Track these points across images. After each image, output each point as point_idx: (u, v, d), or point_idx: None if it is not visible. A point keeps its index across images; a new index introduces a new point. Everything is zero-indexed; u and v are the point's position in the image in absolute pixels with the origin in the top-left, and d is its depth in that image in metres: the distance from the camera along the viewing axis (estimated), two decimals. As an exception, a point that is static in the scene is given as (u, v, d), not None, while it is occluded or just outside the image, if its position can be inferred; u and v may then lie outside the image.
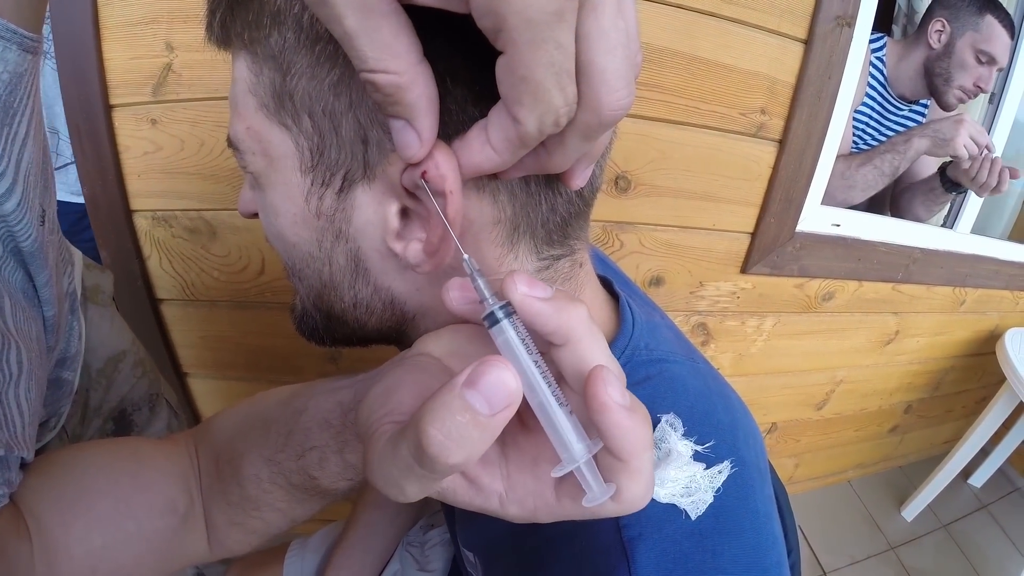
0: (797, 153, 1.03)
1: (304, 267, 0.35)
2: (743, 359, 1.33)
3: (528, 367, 0.23)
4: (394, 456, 0.20)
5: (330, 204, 0.31)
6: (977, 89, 1.27)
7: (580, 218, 0.35)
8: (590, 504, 0.23)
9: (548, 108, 0.22)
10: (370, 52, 0.22)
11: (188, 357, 1.13)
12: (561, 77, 0.22)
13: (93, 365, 0.70)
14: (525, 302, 0.22)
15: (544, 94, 0.22)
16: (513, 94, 0.23)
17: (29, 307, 0.42)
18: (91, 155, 0.92)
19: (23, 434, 0.38)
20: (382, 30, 0.22)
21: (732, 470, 0.33)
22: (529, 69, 0.21)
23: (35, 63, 0.36)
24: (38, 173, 0.40)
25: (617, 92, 0.22)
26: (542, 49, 0.21)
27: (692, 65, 0.92)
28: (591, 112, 0.23)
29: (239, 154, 0.33)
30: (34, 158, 0.39)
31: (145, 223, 0.99)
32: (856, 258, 1.23)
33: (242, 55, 0.30)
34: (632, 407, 0.21)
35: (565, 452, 0.22)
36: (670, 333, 0.44)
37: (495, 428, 0.19)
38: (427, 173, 0.26)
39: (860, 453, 1.86)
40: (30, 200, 0.39)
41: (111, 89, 0.88)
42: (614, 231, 1.03)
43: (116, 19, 0.83)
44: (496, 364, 0.19)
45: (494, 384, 0.19)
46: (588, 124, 0.23)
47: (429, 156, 0.26)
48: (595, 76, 0.22)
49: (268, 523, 0.40)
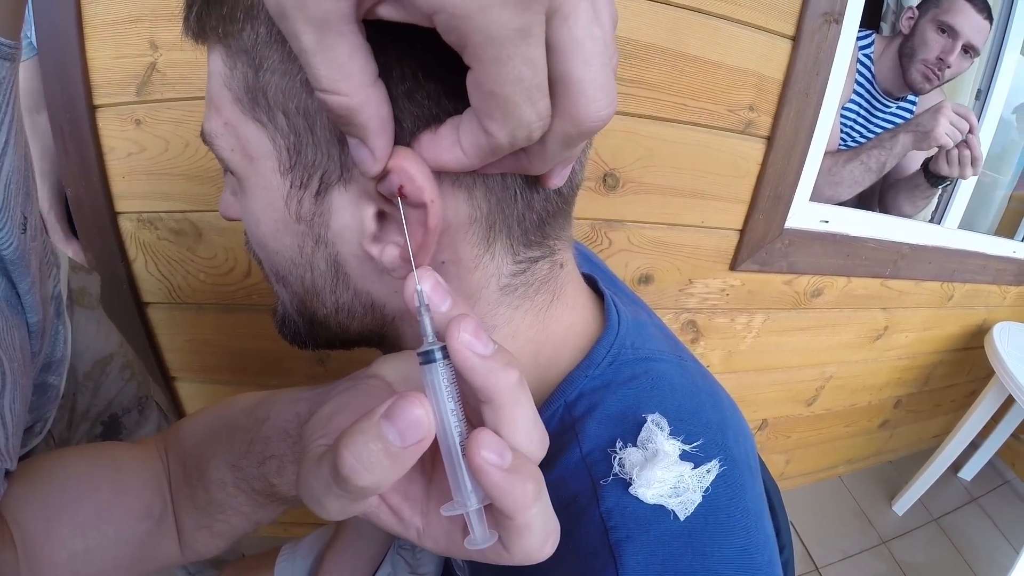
0: (785, 150, 1.04)
1: (287, 274, 0.35)
2: (733, 356, 1.33)
3: (444, 413, 0.24)
4: (317, 473, 0.22)
5: (308, 208, 0.31)
6: (940, 63, 1.27)
7: (560, 216, 0.35)
8: (470, 547, 0.24)
9: (519, 123, 0.22)
10: (324, 72, 0.22)
11: (175, 361, 1.12)
12: (531, 92, 0.21)
13: (80, 368, 0.69)
14: (461, 353, 0.22)
15: (514, 109, 0.22)
16: (483, 108, 0.23)
17: (12, 315, 0.42)
18: (75, 156, 0.90)
19: (6, 446, 0.38)
20: (338, 49, 0.22)
21: (721, 469, 0.33)
22: (497, 85, 0.21)
23: (13, 70, 0.35)
24: (20, 181, 0.40)
25: (597, 103, 0.22)
26: (508, 66, 0.21)
27: (679, 62, 0.92)
28: (571, 123, 0.23)
29: (215, 149, 0.32)
30: (15, 166, 0.38)
31: (130, 225, 0.98)
32: (845, 254, 1.24)
33: (217, 49, 0.30)
34: (514, 467, 0.22)
35: (458, 496, 0.24)
36: (657, 331, 0.43)
37: (406, 460, 0.21)
38: (404, 188, 0.26)
39: (850, 448, 1.87)
40: (11, 208, 0.39)
41: (95, 89, 0.86)
42: (602, 229, 1.03)
43: (100, 18, 0.82)
44: (414, 402, 0.21)
45: (409, 420, 0.20)
46: (568, 134, 0.23)
47: (402, 170, 0.25)
48: (573, 88, 0.22)
49: (233, 526, 0.41)
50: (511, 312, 0.35)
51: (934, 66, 1.28)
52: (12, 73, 0.35)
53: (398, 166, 0.26)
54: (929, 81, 1.30)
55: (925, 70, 1.29)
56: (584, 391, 0.36)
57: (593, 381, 0.36)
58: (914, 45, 1.29)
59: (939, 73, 1.28)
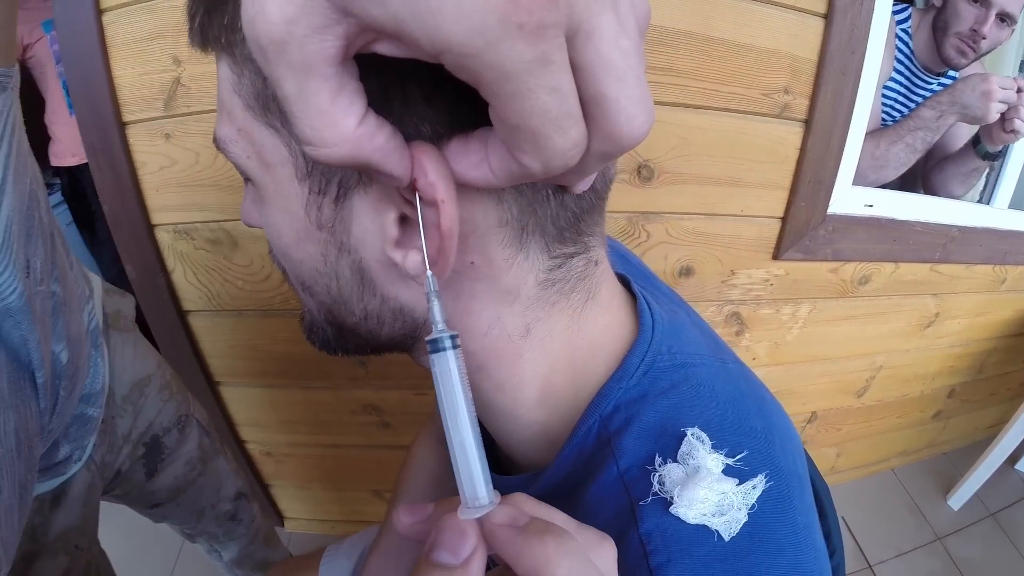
0: (824, 132, 1.00)
1: (313, 283, 0.34)
2: (779, 348, 1.30)
3: (460, 400, 0.24)
4: None
5: (329, 214, 0.30)
6: (974, 34, 1.20)
7: (594, 213, 0.33)
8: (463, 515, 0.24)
9: (553, 154, 0.21)
10: (307, 125, 0.21)
11: (219, 366, 1.14)
12: (561, 122, 0.20)
13: (117, 392, 0.70)
14: (497, 535, 0.23)
15: (545, 141, 0.20)
16: (511, 141, 0.21)
17: (12, 393, 0.41)
18: (108, 173, 0.93)
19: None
20: (320, 96, 0.20)
21: (767, 484, 0.31)
22: (521, 119, 0.20)
23: (5, 100, 0.33)
24: (21, 221, 0.38)
25: (636, 119, 0.21)
26: (530, 99, 0.19)
27: (708, 46, 0.89)
28: (610, 143, 0.21)
29: (230, 156, 0.32)
30: (16, 205, 0.37)
31: (167, 237, 1.00)
32: (891, 239, 1.19)
33: (224, 56, 0.29)
34: None
35: (471, 492, 0.24)
36: (696, 331, 0.41)
37: None
38: (417, 181, 0.24)
39: (903, 440, 1.81)
40: (14, 251, 0.37)
41: (123, 106, 0.89)
42: (640, 222, 1.01)
43: (122, 37, 0.84)
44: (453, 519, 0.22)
45: (453, 534, 0.22)
46: (607, 152, 0.22)
47: (417, 163, 0.24)
48: (609, 107, 0.20)
49: None
50: (548, 309, 0.34)
51: (968, 39, 1.21)
52: (8, 104, 0.34)
53: (414, 157, 0.24)
54: (964, 55, 1.24)
55: (959, 44, 1.23)
56: (620, 404, 0.35)
57: (628, 392, 0.35)
58: (947, 18, 1.23)
59: (974, 46, 1.22)
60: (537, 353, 0.35)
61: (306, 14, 0.18)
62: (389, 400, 1.22)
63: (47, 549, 0.61)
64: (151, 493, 0.84)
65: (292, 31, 0.18)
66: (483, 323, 0.33)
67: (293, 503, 1.53)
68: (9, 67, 0.33)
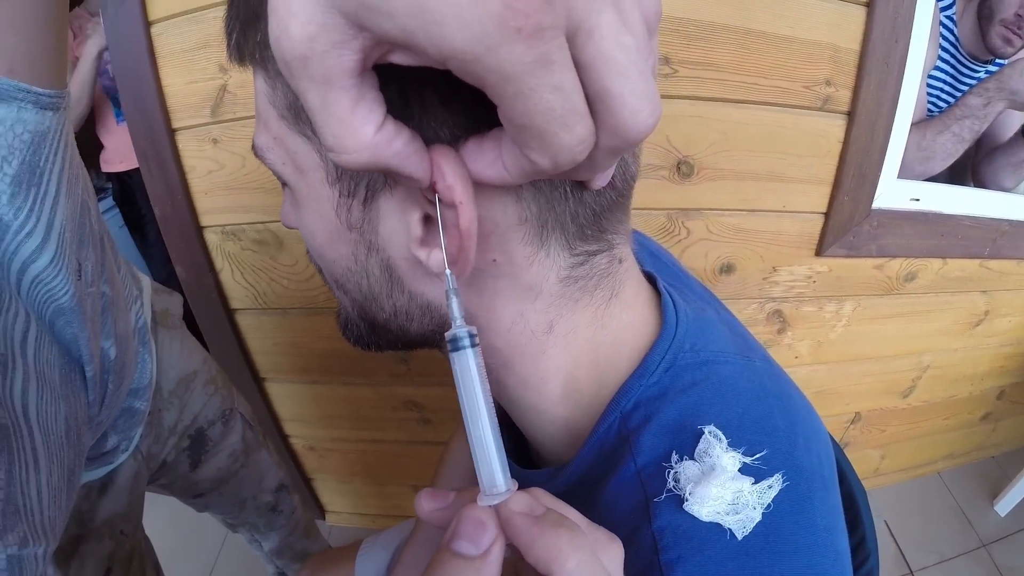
0: (868, 125, 0.98)
1: (345, 281, 0.36)
2: (822, 346, 1.28)
3: (478, 398, 0.25)
4: None
5: (358, 215, 0.31)
6: (1019, 20, 1.15)
7: (616, 210, 0.34)
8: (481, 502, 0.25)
9: (560, 150, 0.21)
10: (329, 133, 0.22)
11: (264, 363, 1.17)
12: (566, 118, 0.21)
13: (164, 387, 0.73)
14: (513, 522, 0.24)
15: (551, 138, 0.21)
16: (519, 139, 0.22)
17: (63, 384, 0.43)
18: (159, 177, 0.96)
19: (42, 519, 0.39)
20: (340, 105, 0.21)
21: (784, 483, 0.31)
22: (526, 118, 0.20)
23: (59, 119, 0.36)
24: (74, 229, 0.41)
25: (641, 113, 0.21)
26: (533, 99, 0.20)
27: (747, 39, 0.88)
28: (617, 137, 0.22)
29: (268, 163, 0.33)
30: (69, 214, 0.40)
31: (215, 238, 1.03)
32: (939, 234, 1.16)
33: (259, 71, 0.31)
34: None
35: (489, 480, 0.25)
36: (724, 329, 0.41)
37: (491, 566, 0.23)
38: (436, 184, 0.25)
39: (950, 443, 1.75)
40: (67, 256, 0.40)
41: (172, 113, 0.92)
42: (679, 219, 1.01)
43: (170, 47, 0.87)
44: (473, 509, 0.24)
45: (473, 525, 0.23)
46: (615, 147, 0.23)
47: (436, 166, 0.25)
48: (614, 103, 0.21)
49: None
50: (572, 306, 0.35)
51: (1013, 25, 1.17)
52: (59, 123, 0.36)
53: (433, 160, 0.25)
54: (1010, 43, 1.19)
55: (1004, 32, 1.18)
56: (640, 401, 0.35)
57: (649, 390, 0.35)
58: (991, 4, 1.19)
59: (1020, 32, 1.17)
60: (561, 349, 0.36)
61: (325, 31, 0.19)
62: (430, 396, 1.23)
63: (93, 533, 0.64)
64: (195, 483, 0.87)
65: (313, 47, 0.19)
66: (506, 319, 0.34)
67: (334, 497, 1.57)
68: (61, 88, 0.35)
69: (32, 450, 0.39)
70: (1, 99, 0.31)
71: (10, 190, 0.34)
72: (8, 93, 0.31)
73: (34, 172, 0.35)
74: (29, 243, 0.37)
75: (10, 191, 0.34)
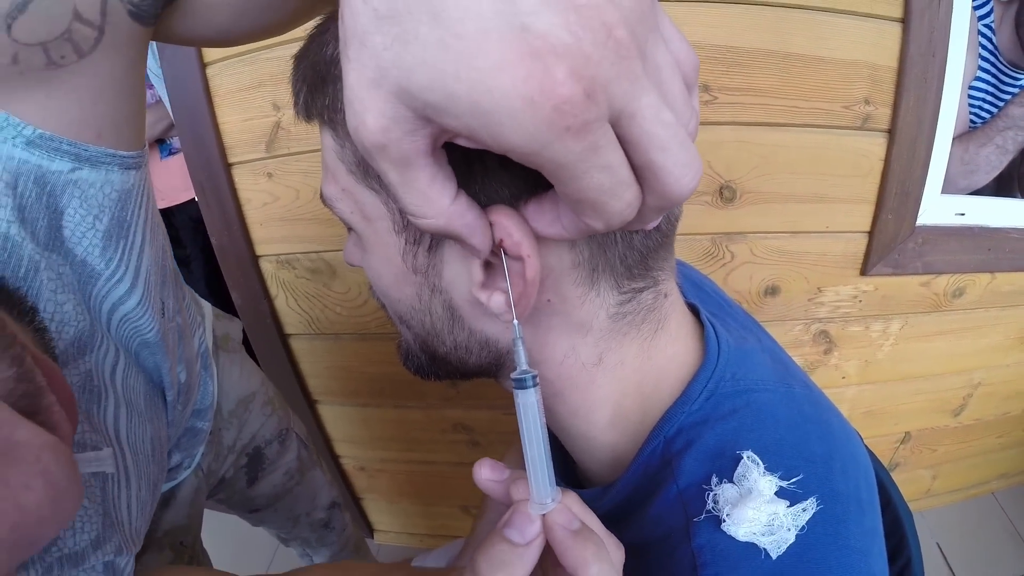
0: (909, 141, 0.97)
1: (409, 318, 0.38)
2: (870, 366, 1.26)
3: (537, 427, 0.29)
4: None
5: (423, 261, 0.34)
6: None
7: (660, 250, 0.36)
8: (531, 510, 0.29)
9: (612, 215, 0.24)
10: (410, 201, 0.25)
11: (317, 386, 1.21)
12: (616, 190, 0.23)
13: (224, 407, 0.77)
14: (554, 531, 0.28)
15: (603, 207, 0.23)
16: (576, 209, 0.25)
17: (148, 408, 0.48)
18: (216, 209, 1.01)
19: (130, 530, 0.43)
20: (419, 181, 0.24)
21: (818, 507, 0.32)
22: (580, 194, 0.23)
23: (140, 176, 0.39)
24: (158, 272, 0.45)
25: (684, 179, 0.23)
26: (585, 179, 0.22)
27: (786, 63, 0.89)
28: (663, 199, 0.24)
29: (336, 211, 0.36)
30: (153, 259, 0.43)
31: (270, 266, 1.07)
32: (986, 248, 1.14)
33: (326, 129, 0.34)
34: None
35: (540, 492, 0.29)
36: (766, 357, 0.43)
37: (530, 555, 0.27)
38: (503, 242, 0.28)
39: (1004, 462, 1.69)
40: (152, 297, 0.44)
41: (228, 149, 0.97)
42: (723, 243, 1.01)
43: (226, 87, 0.92)
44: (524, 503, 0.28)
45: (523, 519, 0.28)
46: (662, 207, 0.25)
47: (501, 227, 0.28)
48: (659, 173, 0.23)
49: None
50: (620, 339, 0.37)
51: None
52: (139, 180, 0.39)
53: (498, 222, 0.28)
54: None
55: None
56: (683, 427, 0.37)
57: (691, 416, 0.37)
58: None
59: None
60: (609, 380, 0.38)
61: (397, 123, 0.22)
62: (479, 419, 1.25)
63: (155, 543, 0.67)
64: (251, 499, 0.90)
65: (388, 136, 0.22)
66: (559, 353, 0.37)
67: (383, 516, 1.59)
68: (141, 148, 0.39)
69: (124, 468, 0.43)
70: (92, 164, 0.34)
71: (102, 244, 0.38)
72: (97, 159, 0.35)
73: (122, 226, 0.39)
74: (119, 288, 0.40)
75: (102, 244, 0.38)
